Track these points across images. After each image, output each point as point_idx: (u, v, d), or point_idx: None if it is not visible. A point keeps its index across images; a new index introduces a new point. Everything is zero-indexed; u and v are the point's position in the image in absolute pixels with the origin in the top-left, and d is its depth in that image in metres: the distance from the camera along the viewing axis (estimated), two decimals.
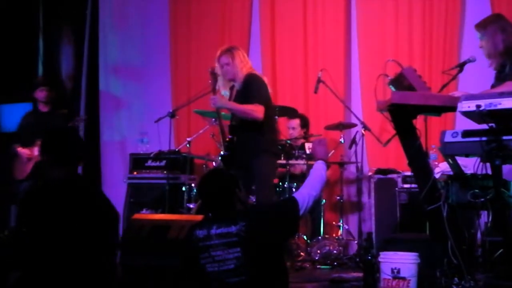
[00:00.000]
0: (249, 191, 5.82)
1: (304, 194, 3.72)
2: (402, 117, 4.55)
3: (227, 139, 5.59)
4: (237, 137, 5.55)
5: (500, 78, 4.73)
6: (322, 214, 6.96)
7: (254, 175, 5.51)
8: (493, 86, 4.71)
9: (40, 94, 7.54)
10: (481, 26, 4.89)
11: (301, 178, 6.88)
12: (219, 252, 3.46)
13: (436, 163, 6.19)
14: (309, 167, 6.78)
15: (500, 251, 4.60)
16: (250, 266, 3.44)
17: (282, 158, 6.70)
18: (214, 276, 3.47)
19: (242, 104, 5.51)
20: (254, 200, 5.85)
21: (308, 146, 6.52)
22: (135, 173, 7.93)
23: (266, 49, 8.13)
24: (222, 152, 5.64)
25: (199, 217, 4.43)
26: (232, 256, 3.44)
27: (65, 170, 3.65)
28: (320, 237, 6.73)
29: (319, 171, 3.93)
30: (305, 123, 7.44)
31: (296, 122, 7.35)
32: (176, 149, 7.74)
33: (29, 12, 8.99)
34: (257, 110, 5.45)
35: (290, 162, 6.89)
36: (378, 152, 7.22)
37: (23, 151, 7.28)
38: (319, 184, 3.86)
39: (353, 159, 7.03)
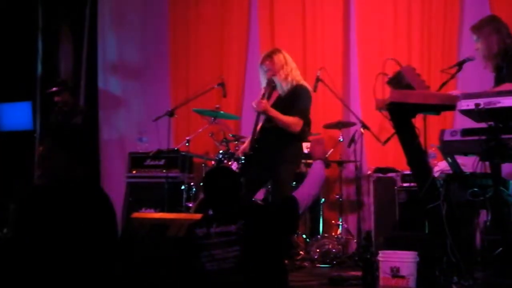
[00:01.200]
0: (257, 191, 5.88)
1: (304, 193, 3.72)
2: (401, 115, 4.55)
3: (255, 138, 5.59)
4: (266, 140, 5.56)
5: (499, 80, 4.73)
6: (321, 212, 6.96)
7: (274, 180, 5.66)
8: None
9: (56, 99, 7.85)
10: (476, 28, 4.90)
11: (299, 177, 6.89)
12: (218, 251, 3.46)
13: (435, 161, 6.19)
14: (308, 166, 6.78)
15: (499, 249, 4.60)
16: (250, 265, 3.44)
17: None
18: (214, 275, 3.47)
19: (282, 110, 5.53)
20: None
21: (306, 145, 6.50)
22: (134, 172, 7.93)
23: (265, 47, 8.10)
24: (245, 152, 5.65)
25: (198, 216, 4.43)
26: (231, 255, 3.44)
27: (84, 169, 3.61)
28: (319, 236, 6.73)
29: (318, 170, 3.93)
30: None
31: None
32: (175, 148, 7.74)
33: (28, 12, 8.99)
34: (296, 124, 5.54)
35: None
36: (377, 151, 7.21)
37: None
38: (318, 183, 3.87)
39: (352, 158, 7.04)
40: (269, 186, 6.17)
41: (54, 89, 7.84)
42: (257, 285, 3.48)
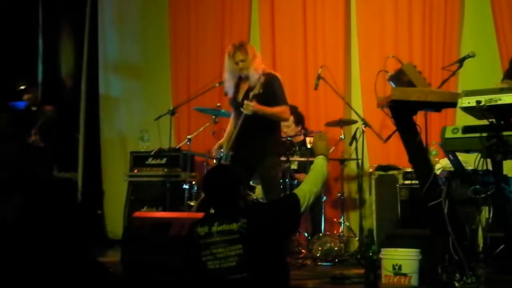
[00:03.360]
0: (249, 188, 5.88)
1: (305, 191, 3.71)
2: (402, 113, 4.55)
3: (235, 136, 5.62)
4: (245, 136, 5.58)
5: None
6: (323, 211, 6.95)
7: (262, 176, 5.69)
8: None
9: (25, 97, 7.70)
10: None
11: (297, 175, 6.90)
12: (220, 250, 3.46)
13: (437, 159, 6.19)
14: (310, 163, 6.78)
15: (502, 246, 4.60)
16: (252, 263, 3.44)
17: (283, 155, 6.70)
18: (216, 274, 3.46)
19: (257, 101, 5.54)
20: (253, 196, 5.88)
21: (309, 140, 6.48)
22: (135, 171, 7.94)
23: (266, 46, 8.12)
24: (231, 152, 5.66)
25: (200, 215, 4.43)
26: (233, 253, 3.44)
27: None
28: (321, 234, 6.73)
29: (320, 167, 3.91)
30: (299, 120, 7.35)
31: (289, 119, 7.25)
32: (177, 147, 7.74)
33: (28, 11, 8.99)
34: (286, 112, 5.68)
35: (291, 158, 6.89)
36: (379, 148, 7.21)
37: None
38: (320, 180, 3.85)
39: (353, 155, 7.03)
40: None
41: (21, 87, 7.74)
42: (259, 283, 3.47)
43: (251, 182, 6.13)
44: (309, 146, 6.57)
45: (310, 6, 8.03)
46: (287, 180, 6.72)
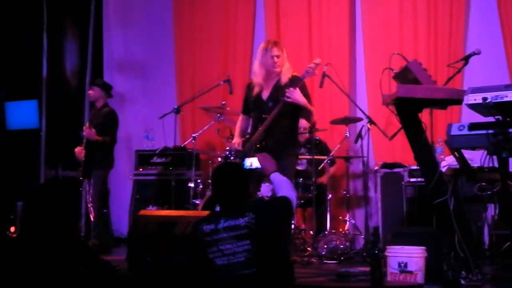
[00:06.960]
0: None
1: (292, 196, 3.80)
2: (407, 110, 4.54)
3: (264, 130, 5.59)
4: (273, 130, 5.54)
5: None
6: (328, 209, 6.95)
7: (281, 173, 5.65)
8: None
9: (88, 92, 7.55)
10: None
11: (302, 173, 6.89)
12: (228, 246, 3.48)
13: (443, 156, 6.18)
14: (316, 161, 6.79)
15: (507, 244, 4.59)
16: (260, 258, 3.46)
17: None
18: (224, 269, 3.48)
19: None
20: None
21: (250, 162, 6.04)
22: (140, 169, 7.95)
23: None
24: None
25: (206, 213, 4.44)
26: (241, 249, 3.46)
27: None
28: (326, 232, 6.73)
29: (282, 178, 3.97)
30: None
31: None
32: (182, 145, 7.73)
33: (33, 9, 8.99)
34: (315, 114, 5.77)
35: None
36: (384, 146, 7.20)
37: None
38: (292, 188, 3.98)
39: (359, 153, 7.03)
40: None
41: (94, 81, 7.71)
42: (266, 278, 3.49)
43: None
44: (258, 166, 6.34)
45: (315, 3, 8.03)
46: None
